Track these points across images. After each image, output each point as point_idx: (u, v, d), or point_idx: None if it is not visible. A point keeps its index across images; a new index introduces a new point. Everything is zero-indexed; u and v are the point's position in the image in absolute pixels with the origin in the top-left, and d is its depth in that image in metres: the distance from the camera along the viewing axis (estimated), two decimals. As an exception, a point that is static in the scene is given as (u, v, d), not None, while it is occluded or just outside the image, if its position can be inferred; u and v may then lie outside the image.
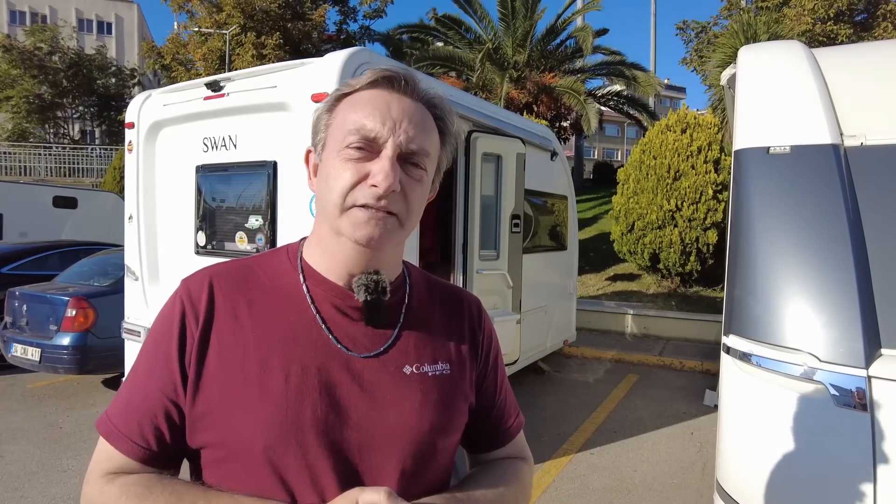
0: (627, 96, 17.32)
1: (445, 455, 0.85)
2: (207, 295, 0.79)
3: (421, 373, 0.82)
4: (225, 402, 0.74)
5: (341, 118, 0.78)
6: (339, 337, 0.79)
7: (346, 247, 0.78)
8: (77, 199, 10.81)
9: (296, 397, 0.74)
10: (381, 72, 0.78)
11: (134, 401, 0.78)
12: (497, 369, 0.96)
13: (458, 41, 16.49)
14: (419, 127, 0.77)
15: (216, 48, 20.26)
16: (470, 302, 0.97)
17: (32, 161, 21.49)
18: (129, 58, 34.27)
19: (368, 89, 0.78)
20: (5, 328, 5.56)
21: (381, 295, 0.79)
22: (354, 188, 0.74)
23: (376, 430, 0.77)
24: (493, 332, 0.98)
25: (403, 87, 0.78)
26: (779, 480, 1.87)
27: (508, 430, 0.97)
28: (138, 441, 0.76)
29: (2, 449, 4.07)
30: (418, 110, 0.78)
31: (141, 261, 4.30)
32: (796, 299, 1.97)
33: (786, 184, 2.13)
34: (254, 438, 0.72)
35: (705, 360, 6.68)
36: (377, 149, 0.75)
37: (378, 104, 0.76)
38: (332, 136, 0.78)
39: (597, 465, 3.99)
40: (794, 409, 1.84)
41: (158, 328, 0.80)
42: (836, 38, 16.66)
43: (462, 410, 0.87)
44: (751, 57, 2.42)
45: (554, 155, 5.95)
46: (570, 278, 6.68)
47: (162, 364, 0.77)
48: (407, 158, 0.76)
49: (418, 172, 0.78)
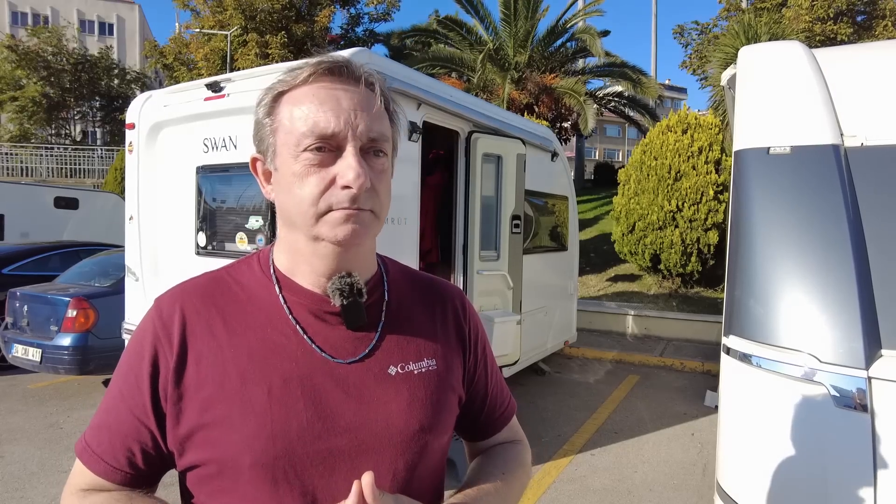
0: (628, 97, 17.32)
1: (437, 454, 0.84)
2: (180, 316, 0.77)
3: (406, 372, 0.81)
4: (208, 421, 0.72)
5: (288, 120, 0.73)
6: (319, 345, 0.77)
7: (325, 250, 0.75)
8: (78, 199, 10.82)
9: (280, 409, 0.72)
10: (320, 62, 0.74)
11: (107, 421, 0.78)
12: (486, 359, 0.96)
13: (460, 42, 16.50)
14: (372, 113, 0.73)
15: (218, 48, 20.29)
16: (453, 294, 0.94)
17: (34, 162, 21.52)
18: (130, 59, 34.30)
19: (309, 84, 0.74)
20: (6, 329, 5.56)
21: (357, 297, 0.77)
22: (325, 193, 0.71)
23: (365, 435, 0.75)
24: (479, 322, 0.97)
25: (346, 74, 0.74)
26: (779, 481, 1.87)
27: (503, 416, 0.98)
28: (110, 461, 0.76)
29: (2, 449, 4.07)
30: (366, 95, 0.74)
31: (141, 261, 4.30)
32: (797, 300, 1.97)
33: (786, 184, 2.12)
34: (240, 454, 0.71)
35: (706, 361, 6.67)
36: (336, 145, 0.72)
37: (325, 98, 0.72)
38: (283, 142, 0.74)
39: (597, 466, 3.98)
40: (795, 410, 1.84)
41: (132, 349, 0.78)
42: (837, 37, 16.65)
43: (451, 406, 0.86)
44: (751, 57, 2.41)
45: (554, 155, 5.95)
46: (571, 279, 6.68)
47: (133, 387, 0.75)
48: (368, 149, 0.74)
49: (381, 161, 0.75)
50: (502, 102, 13.48)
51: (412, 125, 3.76)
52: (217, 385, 0.73)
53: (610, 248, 10.34)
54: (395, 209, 3.68)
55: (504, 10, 15.30)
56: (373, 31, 24.24)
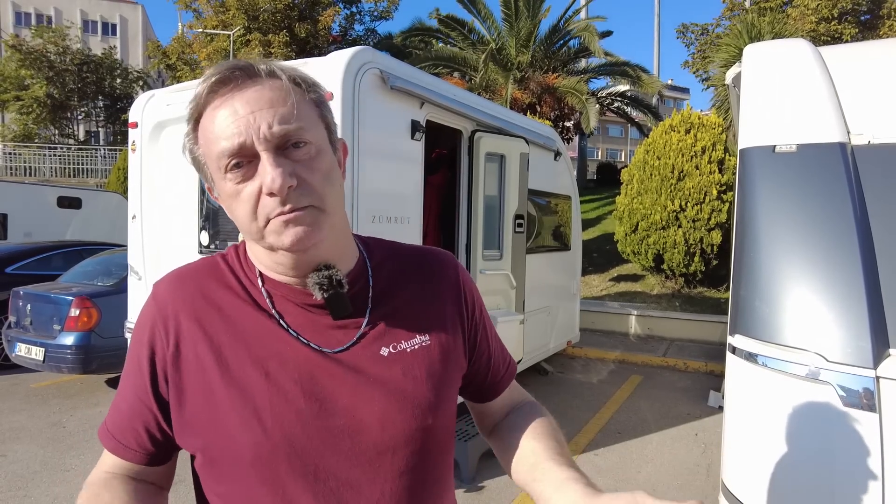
0: (631, 97, 17.29)
1: (441, 432, 0.82)
2: (175, 301, 0.78)
3: (399, 351, 0.80)
4: (207, 405, 0.74)
5: (206, 145, 0.71)
6: (307, 337, 0.77)
7: (284, 257, 0.75)
8: (81, 199, 10.85)
9: (277, 393, 0.73)
10: (209, 79, 0.70)
11: (118, 403, 0.82)
12: (484, 322, 0.95)
13: (462, 42, 16.49)
14: (274, 106, 0.69)
15: (221, 48, 20.31)
16: (445, 263, 0.92)
17: (37, 161, 21.57)
18: (133, 59, 34.34)
19: (209, 102, 0.70)
20: (9, 328, 5.57)
21: (338, 288, 0.76)
22: (257, 206, 0.69)
23: (363, 414, 0.75)
24: (474, 287, 0.95)
25: (239, 77, 0.70)
26: (785, 482, 1.85)
27: (507, 375, 1.00)
28: (121, 440, 0.80)
29: (5, 448, 4.08)
30: (264, 90, 0.69)
31: (144, 260, 4.30)
32: (803, 299, 1.95)
33: (792, 183, 2.11)
34: (240, 437, 0.72)
35: (709, 361, 6.65)
36: (252, 154, 0.68)
37: (224, 112, 0.69)
38: (212, 167, 0.72)
39: (601, 467, 3.97)
40: (801, 409, 1.83)
41: (135, 335, 0.81)
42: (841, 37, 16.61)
43: (451, 380, 0.85)
44: (756, 55, 2.40)
45: (557, 155, 5.94)
46: (574, 279, 6.66)
47: (136, 371, 0.79)
48: (284, 144, 0.69)
49: (305, 150, 0.70)
50: (505, 102, 13.46)
51: (415, 124, 3.75)
52: (214, 369, 0.74)
53: (613, 247, 10.32)
54: (398, 208, 3.67)
55: (505, 9, 15.30)
56: (374, 31, 24.28)
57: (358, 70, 3.27)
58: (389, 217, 3.57)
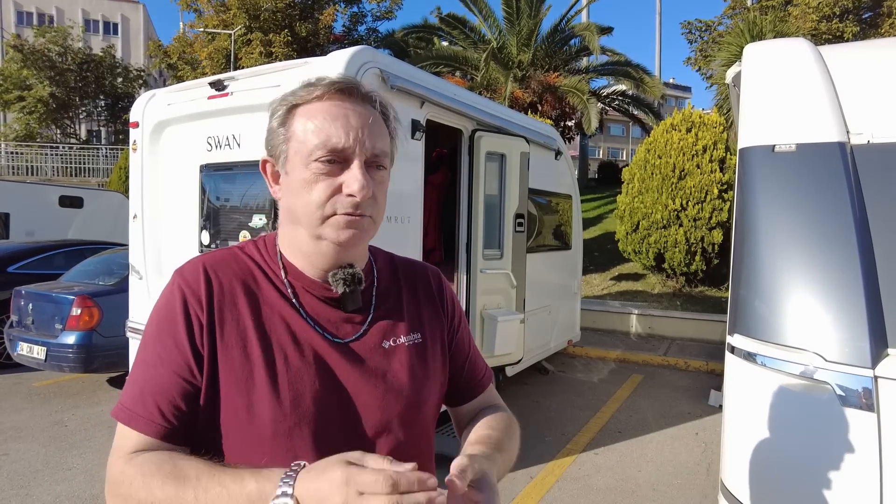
0: (632, 96, 17.26)
1: (428, 416, 0.95)
2: (205, 281, 0.85)
3: (398, 344, 0.93)
4: (235, 382, 0.81)
5: (301, 131, 0.83)
6: (323, 325, 0.88)
7: (327, 249, 0.85)
8: (83, 198, 10.87)
9: (296, 373, 0.82)
10: (333, 83, 0.83)
11: (148, 387, 0.82)
12: (463, 329, 1.08)
13: (463, 40, 16.47)
14: (376, 131, 0.84)
15: (222, 47, 20.32)
16: (429, 273, 1.06)
17: (39, 161, 21.61)
18: (134, 58, 34.31)
19: (322, 101, 0.83)
20: (11, 327, 5.59)
21: (357, 286, 0.89)
22: (331, 199, 0.81)
23: (368, 398, 0.86)
24: (454, 296, 1.09)
25: (355, 95, 0.84)
26: (784, 481, 1.86)
27: (481, 381, 1.09)
28: (157, 420, 0.81)
29: (7, 447, 4.09)
30: (371, 115, 0.84)
31: (145, 260, 4.31)
32: (802, 299, 1.96)
33: (791, 182, 2.11)
34: (263, 410, 0.80)
35: (710, 360, 6.65)
36: (344, 158, 0.81)
37: (337, 116, 0.82)
38: (296, 150, 0.83)
39: (601, 466, 3.98)
40: (800, 409, 1.83)
41: (160, 317, 0.85)
42: (843, 35, 16.58)
43: (437, 372, 0.98)
44: (756, 54, 2.40)
45: (558, 154, 5.94)
46: (575, 278, 6.66)
47: (171, 349, 0.82)
48: (371, 163, 0.83)
49: (381, 174, 0.86)
50: (505, 101, 13.45)
51: (416, 123, 3.75)
52: (241, 350, 0.83)
53: (614, 246, 10.32)
54: (398, 208, 3.67)
55: (506, 8, 15.27)
56: (375, 30, 24.26)
57: (358, 70, 3.28)
58: (390, 217, 3.57)
